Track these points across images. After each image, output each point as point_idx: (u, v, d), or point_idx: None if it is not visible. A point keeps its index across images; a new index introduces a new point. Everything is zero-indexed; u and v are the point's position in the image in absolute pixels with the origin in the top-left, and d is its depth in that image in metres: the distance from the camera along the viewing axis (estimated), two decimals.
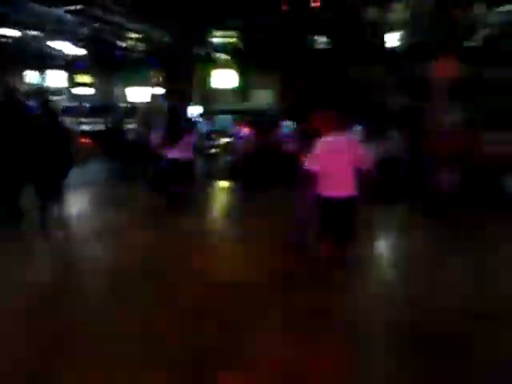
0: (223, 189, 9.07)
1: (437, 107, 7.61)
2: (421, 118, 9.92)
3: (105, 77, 19.61)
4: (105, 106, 16.16)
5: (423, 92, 10.16)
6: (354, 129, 7.79)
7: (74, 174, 8.92)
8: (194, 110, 15.42)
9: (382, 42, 15.55)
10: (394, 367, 2.83)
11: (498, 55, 13.52)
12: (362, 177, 4.09)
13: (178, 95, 14.14)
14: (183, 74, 12.93)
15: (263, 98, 17.95)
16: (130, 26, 13.53)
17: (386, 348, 3.11)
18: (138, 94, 18.56)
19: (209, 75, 18.53)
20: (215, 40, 17.10)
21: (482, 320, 3.38)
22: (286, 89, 16.52)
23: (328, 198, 4.00)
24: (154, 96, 18.19)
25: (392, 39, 15.52)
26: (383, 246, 5.72)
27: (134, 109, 15.72)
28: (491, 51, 13.11)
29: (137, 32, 14.63)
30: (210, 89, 18.62)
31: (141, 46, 16.71)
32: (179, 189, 6.77)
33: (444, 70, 7.41)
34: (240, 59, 17.18)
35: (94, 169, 9.63)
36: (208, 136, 11.05)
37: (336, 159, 4.00)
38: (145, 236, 5.36)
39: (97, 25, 13.96)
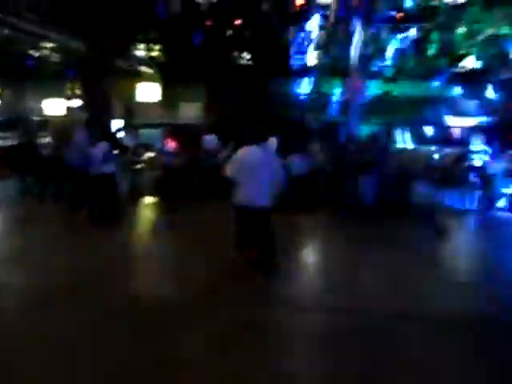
0: (148, 204, 8.81)
1: (351, 123, 8.15)
2: (337, 133, 10.60)
3: (15, 88, 18.17)
4: (16, 120, 14.94)
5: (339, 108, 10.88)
6: (272, 142, 8.06)
7: None
8: (118, 124, 14.88)
9: (303, 60, 16.39)
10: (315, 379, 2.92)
11: (404, 74, 14.95)
12: (278, 188, 4.29)
13: (98, 108, 13.51)
14: (104, 87, 12.40)
15: (191, 111, 17.85)
16: (45, 34, 12.75)
17: (309, 359, 3.19)
18: (53, 107, 17.42)
19: (133, 88, 18.03)
20: (139, 53, 16.75)
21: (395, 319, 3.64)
22: (210, 103, 16.62)
23: (241, 207, 4.22)
24: (69, 109, 17.20)
25: (311, 58, 16.42)
26: (305, 253, 5.93)
27: (47, 122, 14.73)
28: (399, 71, 14.44)
29: (52, 41, 13.82)
30: (135, 102, 18.11)
31: (56, 57, 15.79)
32: (96, 205, 6.47)
33: (355, 88, 7.98)
34: (164, 72, 16.96)
35: (4, 186, 8.84)
36: (133, 151, 10.72)
37: (250, 170, 4.19)
38: (62, 256, 5.01)
39: (6, 32, 12.97)
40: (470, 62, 14.61)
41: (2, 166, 8.77)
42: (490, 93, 14.06)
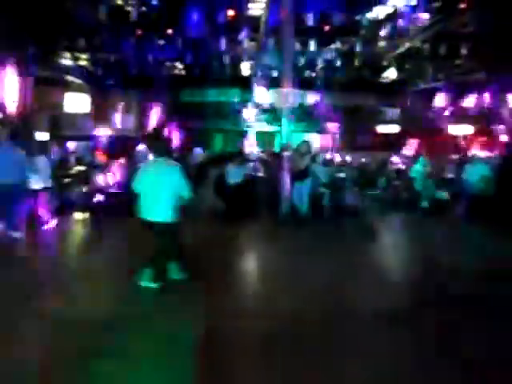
0: (78, 221, 8.33)
1: (283, 132, 8.36)
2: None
3: None
4: None
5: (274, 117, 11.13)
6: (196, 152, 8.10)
7: None
8: (44, 137, 14.00)
9: (237, 70, 16.64)
10: None
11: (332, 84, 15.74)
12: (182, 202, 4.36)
13: (21, 120, 12.61)
14: (26, 98, 11.60)
15: (125, 122, 17.31)
16: None
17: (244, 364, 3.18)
18: None
19: (60, 99, 17.08)
20: (65, 62, 15.94)
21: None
22: (145, 113, 16.27)
23: (144, 221, 4.25)
24: None
25: (245, 68, 16.72)
26: (239, 261, 5.94)
27: None
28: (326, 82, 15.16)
29: None
30: (63, 113, 17.16)
31: None
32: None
33: (286, 97, 8.21)
34: (93, 82, 16.30)
35: None
36: (60, 164, 10.15)
37: (150, 184, 4.21)
38: None
39: None
40: (392, 73, 15.74)
41: None
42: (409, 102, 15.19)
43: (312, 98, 15.44)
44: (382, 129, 16.68)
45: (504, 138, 11.33)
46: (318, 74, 15.96)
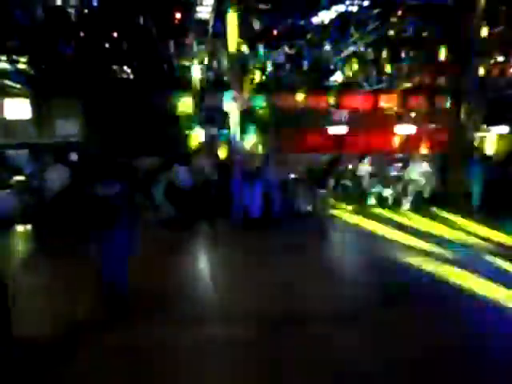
0: (20, 233, 7.84)
1: (233, 134, 8.35)
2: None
3: None
4: None
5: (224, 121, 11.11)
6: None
7: None
8: None
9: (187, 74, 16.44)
10: None
11: (282, 87, 15.96)
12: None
13: None
14: None
15: (67, 128, 16.53)
16: None
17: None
18: None
19: None
20: (2, 65, 15.01)
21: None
22: (88, 119, 15.63)
23: None
24: None
25: (196, 71, 16.55)
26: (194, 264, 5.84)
27: None
28: (276, 84, 15.36)
29: None
30: (2, 120, 16.14)
31: None
32: None
33: (235, 101, 8.23)
34: (33, 87, 15.45)
35: None
36: None
37: None
38: None
39: None
40: (339, 76, 16.22)
41: None
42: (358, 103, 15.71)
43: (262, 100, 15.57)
44: (331, 130, 17.14)
45: (441, 137, 12.03)
46: (268, 77, 16.13)
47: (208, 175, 9.44)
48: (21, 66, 15.06)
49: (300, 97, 16.34)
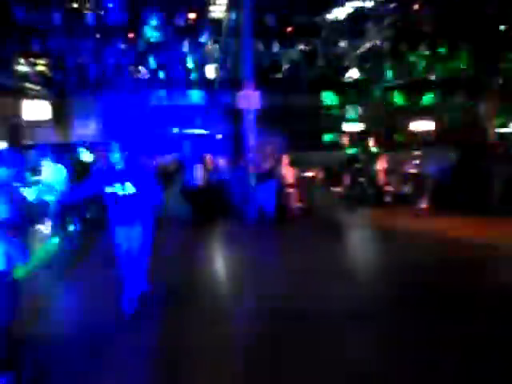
0: None
1: (248, 134, 8.35)
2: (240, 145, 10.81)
3: None
4: None
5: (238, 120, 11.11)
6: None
7: None
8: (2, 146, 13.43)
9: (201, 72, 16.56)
10: None
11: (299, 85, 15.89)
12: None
13: None
14: None
15: (86, 129, 16.87)
16: None
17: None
18: None
19: (18, 107, 16.46)
20: (22, 68, 15.39)
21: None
22: (108, 119, 15.92)
23: None
24: None
25: (209, 71, 16.65)
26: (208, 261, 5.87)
27: None
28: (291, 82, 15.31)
29: None
30: (23, 121, 16.55)
31: None
32: None
33: (248, 101, 8.22)
34: (52, 88, 15.81)
35: None
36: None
37: None
38: None
39: None
40: (354, 73, 16.07)
41: None
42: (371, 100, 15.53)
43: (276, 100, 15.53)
44: (346, 127, 16.99)
45: (458, 131, 11.81)
46: (283, 74, 16.11)
47: (222, 174, 9.48)
48: (40, 69, 15.42)
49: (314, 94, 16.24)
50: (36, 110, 16.74)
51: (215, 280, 5.12)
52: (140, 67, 15.47)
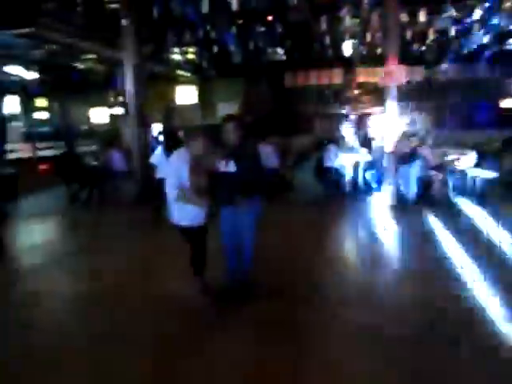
0: None
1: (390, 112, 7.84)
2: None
3: (62, 100, 19.20)
4: (62, 130, 15.83)
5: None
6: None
7: (29, 203, 8.68)
8: (158, 128, 15.33)
9: (339, 50, 16.04)
10: None
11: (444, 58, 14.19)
12: None
13: (137, 115, 13.92)
14: (142, 93, 12.74)
15: (228, 111, 18.04)
16: (85, 46, 13.33)
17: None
18: (98, 116, 18.28)
19: (171, 92, 18.51)
20: (175, 57, 17.12)
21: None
22: (246, 101, 16.70)
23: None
24: (112, 117, 17.94)
25: (347, 48, 16.01)
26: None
27: (92, 131, 15.43)
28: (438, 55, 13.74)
29: (91, 52, 14.45)
30: (174, 105, 18.58)
31: (98, 67, 16.50)
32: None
33: (391, 77, 7.67)
34: (200, 74, 17.24)
35: (53, 195, 9.38)
36: None
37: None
38: (112, 258, 5.20)
39: (49, 47, 13.71)
40: None
41: (52, 174, 9.29)
42: None
43: (419, 74, 14.15)
44: (506, 103, 14.64)
45: None
46: (429, 47, 14.55)
47: (360, 155, 9.16)
48: (190, 57, 16.92)
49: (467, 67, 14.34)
50: (185, 94, 18.62)
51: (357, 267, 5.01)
52: (278, 49, 15.74)
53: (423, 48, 14.97)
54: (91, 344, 3.24)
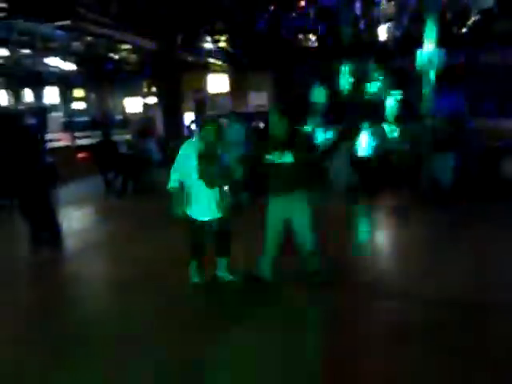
0: None
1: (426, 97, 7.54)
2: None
3: (99, 90, 19.74)
4: (98, 119, 16.28)
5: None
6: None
7: (68, 190, 9.01)
8: (190, 117, 15.48)
9: (374, 35, 15.52)
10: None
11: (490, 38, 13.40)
12: None
13: (169, 104, 14.11)
14: (175, 82, 12.92)
15: (259, 99, 17.94)
16: (120, 37, 13.58)
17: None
18: (132, 105, 18.69)
19: (203, 81, 18.61)
20: (207, 45, 17.14)
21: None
22: (277, 89, 16.52)
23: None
24: (146, 106, 18.28)
25: (381, 32, 15.48)
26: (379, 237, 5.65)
27: (127, 120, 15.78)
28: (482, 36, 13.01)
29: (127, 43, 14.71)
30: (206, 94, 18.68)
31: (132, 57, 16.80)
32: None
33: (427, 60, 7.36)
34: (232, 62, 17.18)
35: (90, 183, 9.70)
36: None
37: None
38: (143, 246, 5.31)
39: (87, 39, 14.07)
40: None
41: (89, 163, 9.59)
42: None
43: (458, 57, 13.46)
44: None
45: None
46: (470, 28, 13.81)
47: (393, 143, 8.90)
48: (221, 45, 16.89)
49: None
50: (217, 83, 18.67)
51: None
52: (310, 35, 15.44)
53: (464, 30, 14.24)
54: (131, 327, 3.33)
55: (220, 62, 18.05)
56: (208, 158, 3.47)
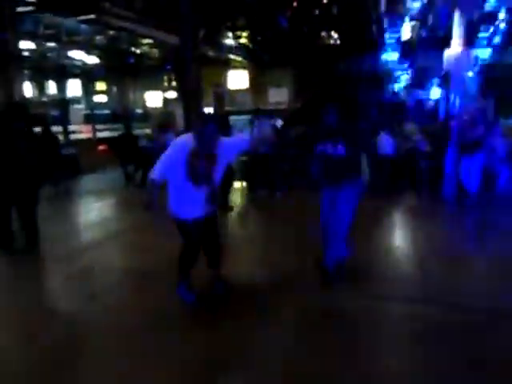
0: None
1: (452, 97, 7.36)
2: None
3: (120, 83, 19.95)
4: (120, 112, 16.46)
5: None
6: None
7: (89, 181, 9.09)
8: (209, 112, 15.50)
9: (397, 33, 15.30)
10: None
11: None
12: None
13: (190, 98, 14.16)
14: (196, 77, 12.91)
15: (279, 96, 17.87)
16: (142, 31, 13.68)
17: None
18: (153, 99, 18.83)
19: (223, 76, 18.63)
20: (228, 41, 17.14)
21: None
22: (297, 86, 16.41)
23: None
24: (166, 100, 18.40)
25: (406, 30, 15.23)
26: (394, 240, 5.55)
27: (147, 114, 15.89)
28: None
29: (149, 37, 14.81)
30: (225, 90, 18.70)
31: (154, 52, 16.91)
32: None
33: (457, 59, 7.17)
34: (252, 59, 17.14)
35: (111, 175, 9.80)
36: None
37: None
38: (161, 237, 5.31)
39: (110, 32, 14.22)
40: None
41: (110, 155, 9.69)
42: None
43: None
44: None
45: None
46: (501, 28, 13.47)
47: (416, 143, 8.73)
48: (242, 41, 16.87)
49: None
50: (237, 79, 18.67)
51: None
52: (332, 32, 15.30)
53: (492, 29, 13.90)
54: (147, 317, 3.34)
55: (240, 59, 18.04)
56: (200, 156, 3.18)
